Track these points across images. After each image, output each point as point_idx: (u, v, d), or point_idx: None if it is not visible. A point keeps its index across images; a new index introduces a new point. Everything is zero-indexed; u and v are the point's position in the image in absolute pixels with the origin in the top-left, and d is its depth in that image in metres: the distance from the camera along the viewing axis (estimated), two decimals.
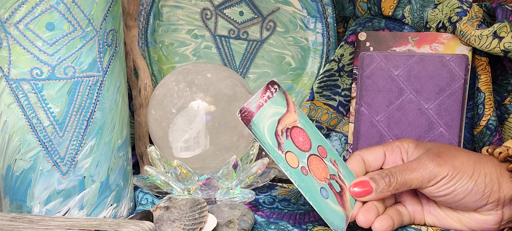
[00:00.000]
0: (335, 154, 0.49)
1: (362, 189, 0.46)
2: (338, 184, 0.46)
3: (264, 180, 0.60)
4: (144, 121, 0.64)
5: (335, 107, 0.70)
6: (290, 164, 0.43)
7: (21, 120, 0.44)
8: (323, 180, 0.45)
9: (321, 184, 0.45)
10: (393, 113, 0.60)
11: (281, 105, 0.46)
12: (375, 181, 0.46)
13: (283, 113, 0.45)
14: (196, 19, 0.71)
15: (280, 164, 0.43)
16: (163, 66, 0.72)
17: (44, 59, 0.42)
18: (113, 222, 0.39)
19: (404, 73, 0.60)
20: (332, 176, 0.46)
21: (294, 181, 0.43)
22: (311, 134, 0.47)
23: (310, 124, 0.48)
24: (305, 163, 0.45)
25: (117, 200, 0.50)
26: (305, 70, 0.73)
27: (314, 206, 0.43)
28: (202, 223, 0.44)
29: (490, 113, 0.60)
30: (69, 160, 0.45)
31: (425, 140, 0.60)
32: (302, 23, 0.71)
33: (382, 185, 0.46)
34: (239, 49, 0.72)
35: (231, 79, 0.57)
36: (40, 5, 0.41)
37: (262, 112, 0.44)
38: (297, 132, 0.46)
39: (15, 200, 0.46)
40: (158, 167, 0.58)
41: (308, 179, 0.44)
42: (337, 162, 0.48)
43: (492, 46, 0.57)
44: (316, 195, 0.43)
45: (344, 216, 0.45)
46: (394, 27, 0.66)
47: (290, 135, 0.45)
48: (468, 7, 0.61)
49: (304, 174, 0.44)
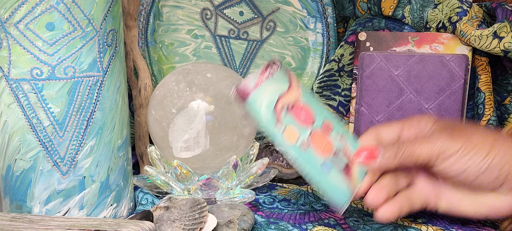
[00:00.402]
0: (343, 128, 0.47)
1: (368, 153, 0.44)
2: (343, 158, 0.45)
3: (264, 180, 0.60)
4: (144, 121, 0.64)
5: (335, 107, 0.70)
6: (288, 139, 0.42)
7: (21, 120, 0.44)
8: (326, 154, 0.44)
9: (323, 159, 0.43)
10: (393, 113, 0.60)
11: (282, 82, 0.45)
12: (383, 147, 0.44)
13: (284, 91, 0.44)
14: (196, 19, 0.71)
15: (276, 140, 0.42)
16: (163, 66, 0.72)
17: (44, 59, 0.42)
18: (113, 222, 0.39)
19: (404, 73, 0.59)
20: (337, 151, 0.45)
21: (291, 157, 0.42)
22: (315, 109, 0.46)
23: (315, 100, 0.47)
24: (305, 137, 0.43)
25: (117, 200, 0.50)
26: (305, 70, 0.73)
27: (313, 181, 0.42)
28: (202, 223, 0.44)
29: (490, 113, 0.60)
30: (69, 160, 0.45)
31: None
32: (302, 23, 0.71)
33: (388, 152, 0.44)
34: (239, 49, 0.72)
35: (231, 79, 0.57)
36: (40, 5, 0.41)
37: (260, 90, 0.43)
38: (299, 107, 0.45)
39: (15, 200, 0.46)
40: (158, 167, 0.58)
41: (307, 155, 0.43)
42: (345, 136, 0.47)
43: (492, 46, 0.57)
44: (316, 170, 0.42)
45: (347, 192, 0.43)
46: (394, 27, 0.66)
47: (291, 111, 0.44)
48: (468, 7, 0.61)
49: (302, 150, 0.43)
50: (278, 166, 0.65)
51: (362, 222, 0.52)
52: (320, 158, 0.43)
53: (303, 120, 0.44)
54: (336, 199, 0.43)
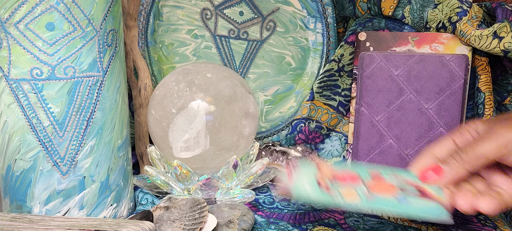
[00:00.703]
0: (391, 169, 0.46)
1: (433, 173, 0.42)
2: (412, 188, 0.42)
3: (264, 180, 0.60)
4: (144, 121, 0.64)
5: (335, 107, 0.70)
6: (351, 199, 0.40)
7: (21, 120, 0.44)
8: (394, 193, 0.42)
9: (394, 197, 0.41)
10: (393, 113, 0.60)
11: (310, 167, 0.44)
12: (444, 162, 0.42)
13: (317, 171, 0.44)
14: (196, 19, 0.71)
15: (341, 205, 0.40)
16: (163, 66, 0.72)
17: (44, 59, 0.42)
18: (113, 222, 0.39)
19: (404, 73, 0.59)
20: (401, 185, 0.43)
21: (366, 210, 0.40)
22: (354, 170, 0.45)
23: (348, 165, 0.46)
24: (365, 190, 0.41)
25: (117, 200, 0.50)
26: (305, 70, 0.73)
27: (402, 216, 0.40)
28: (202, 223, 0.44)
29: (490, 113, 0.60)
30: (69, 160, 0.45)
31: (425, 140, 0.60)
32: (302, 23, 0.71)
33: (453, 163, 0.42)
34: (239, 49, 0.72)
35: (231, 79, 0.57)
36: (40, 5, 0.41)
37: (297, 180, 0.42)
38: (339, 176, 0.44)
39: (15, 200, 0.46)
40: (158, 167, 0.58)
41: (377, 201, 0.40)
42: (398, 173, 0.45)
43: (492, 46, 0.57)
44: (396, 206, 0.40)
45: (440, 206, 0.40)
46: (394, 27, 0.66)
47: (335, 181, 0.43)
48: (468, 7, 0.61)
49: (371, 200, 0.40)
50: (278, 166, 0.65)
51: (362, 222, 0.52)
52: (391, 197, 0.41)
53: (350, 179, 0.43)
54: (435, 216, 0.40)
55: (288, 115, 0.72)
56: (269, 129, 0.73)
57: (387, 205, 0.40)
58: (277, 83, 0.73)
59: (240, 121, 0.56)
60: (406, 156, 0.61)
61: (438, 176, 0.42)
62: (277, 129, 0.72)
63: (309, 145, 0.71)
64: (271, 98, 0.73)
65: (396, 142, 0.61)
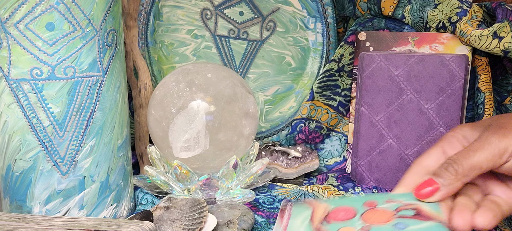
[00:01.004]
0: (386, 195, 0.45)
1: (428, 189, 0.41)
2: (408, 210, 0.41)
3: (264, 180, 0.60)
4: (144, 121, 0.64)
5: (335, 107, 0.70)
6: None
7: (21, 120, 0.44)
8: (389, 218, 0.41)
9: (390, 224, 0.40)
10: (393, 113, 0.60)
11: (304, 211, 0.44)
12: (439, 175, 0.41)
13: (311, 214, 0.44)
14: (196, 19, 0.71)
15: None
16: (163, 66, 0.72)
17: (44, 59, 0.42)
18: (113, 222, 0.39)
19: (404, 73, 0.59)
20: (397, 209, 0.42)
21: None
22: (348, 203, 0.45)
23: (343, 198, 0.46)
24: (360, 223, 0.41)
25: (117, 200, 0.50)
26: (305, 70, 0.73)
27: None
28: (202, 223, 0.44)
29: (490, 113, 0.60)
30: (69, 160, 0.45)
31: (425, 140, 0.60)
32: (302, 23, 0.71)
33: (447, 176, 0.41)
34: (239, 49, 0.72)
35: (231, 79, 0.57)
36: (40, 5, 0.41)
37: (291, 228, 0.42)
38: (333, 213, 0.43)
39: (15, 200, 0.46)
40: (158, 167, 0.58)
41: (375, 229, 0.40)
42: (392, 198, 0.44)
43: (492, 46, 0.57)
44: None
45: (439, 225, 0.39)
46: (394, 27, 0.66)
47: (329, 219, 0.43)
48: (468, 7, 0.61)
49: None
50: (278, 166, 0.65)
51: None
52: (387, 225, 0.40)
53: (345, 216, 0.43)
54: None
55: (288, 115, 0.72)
56: (269, 129, 0.73)
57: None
58: (277, 83, 0.73)
59: (240, 121, 0.56)
60: (406, 156, 0.61)
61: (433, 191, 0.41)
62: (277, 129, 0.72)
63: (309, 145, 0.71)
64: (271, 98, 0.73)
65: (396, 142, 0.61)
